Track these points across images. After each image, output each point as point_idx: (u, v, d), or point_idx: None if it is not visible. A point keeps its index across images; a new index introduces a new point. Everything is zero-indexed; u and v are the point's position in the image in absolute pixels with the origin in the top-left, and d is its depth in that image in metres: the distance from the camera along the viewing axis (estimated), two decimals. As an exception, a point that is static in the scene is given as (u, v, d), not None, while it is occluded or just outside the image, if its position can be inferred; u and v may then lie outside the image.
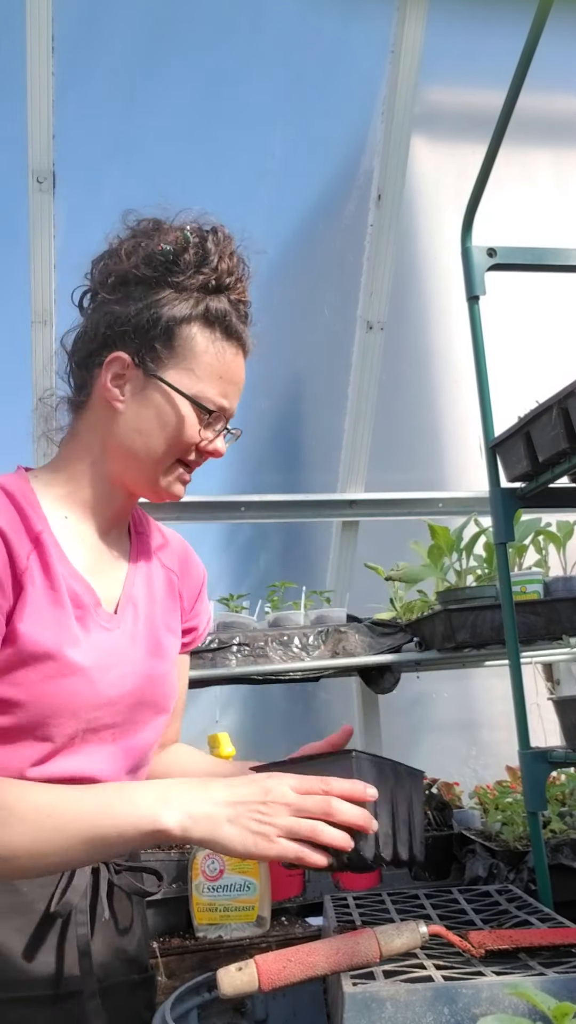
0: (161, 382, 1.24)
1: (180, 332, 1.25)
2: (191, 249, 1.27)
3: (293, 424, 3.41)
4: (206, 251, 1.28)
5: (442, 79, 3.23)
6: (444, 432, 3.50)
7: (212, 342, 1.27)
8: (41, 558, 1.17)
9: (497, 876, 2.00)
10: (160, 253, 1.25)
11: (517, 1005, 0.94)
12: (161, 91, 2.99)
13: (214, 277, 1.28)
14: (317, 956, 1.06)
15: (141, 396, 1.25)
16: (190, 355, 1.25)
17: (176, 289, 1.26)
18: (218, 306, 1.28)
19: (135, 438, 1.25)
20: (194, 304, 1.26)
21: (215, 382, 1.27)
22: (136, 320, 1.24)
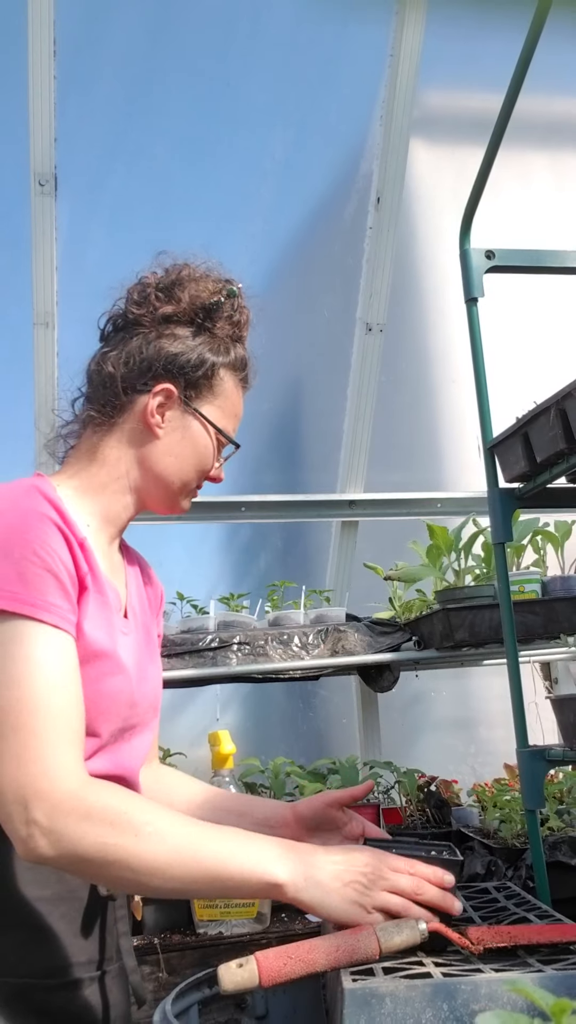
0: (202, 416, 1.41)
1: (218, 374, 1.42)
2: (230, 304, 1.45)
3: (293, 425, 3.42)
4: (236, 306, 1.46)
5: (441, 82, 3.24)
6: (443, 433, 3.51)
7: (235, 385, 1.46)
8: (88, 561, 1.26)
9: (495, 873, 2.01)
10: (213, 304, 1.42)
11: (515, 1001, 0.95)
12: (162, 94, 3.00)
13: (238, 329, 1.47)
14: (317, 953, 1.07)
15: (181, 425, 1.40)
16: (221, 395, 1.43)
17: (211, 335, 1.43)
18: (242, 354, 1.48)
19: (170, 462, 1.40)
20: (226, 351, 1.44)
21: (232, 419, 1.46)
22: (184, 360, 1.39)
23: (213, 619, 2.60)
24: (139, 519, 3.09)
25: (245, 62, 3.06)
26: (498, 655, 2.59)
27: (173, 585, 2.87)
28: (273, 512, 3.16)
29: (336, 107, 3.17)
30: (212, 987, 1.40)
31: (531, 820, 1.75)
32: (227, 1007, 1.46)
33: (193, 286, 1.44)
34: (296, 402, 3.42)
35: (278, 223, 3.21)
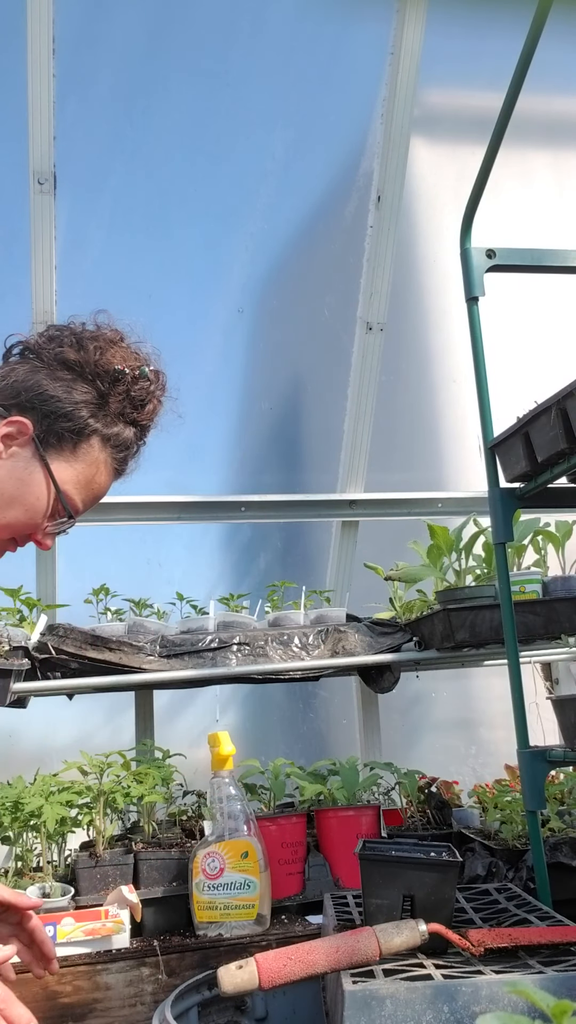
0: (46, 469, 1.30)
1: (89, 439, 1.34)
2: (139, 384, 1.37)
3: (293, 424, 3.41)
4: (148, 394, 1.38)
5: (441, 81, 3.24)
6: (443, 432, 3.50)
7: (104, 462, 1.36)
8: None
9: (496, 875, 2.01)
10: (116, 372, 1.34)
11: (516, 1003, 0.95)
12: (162, 93, 2.99)
13: (138, 415, 1.39)
14: (317, 954, 1.07)
15: (22, 466, 1.31)
16: (82, 460, 1.34)
17: (103, 401, 1.35)
18: (127, 436, 1.38)
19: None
20: (110, 423, 1.35)
21: (86, 492, 1.36)
22: (58, 405, 1.31)
23: (213, 619, 2.59)
24: (138, 519, 3.09)
25: (245, 61, 3.06)
26: (499, 655, 2.58)
27: (173, 585, 2.87)
28: (273, 512, 3.16)
29: (336, 106, 3.16)
30: (212, 989, 1.40)
31: (532, 821, 1.74)
32: (227, 1009, 1.46)
33: (108, 348, 1.37)
34: (296, 401, 3.42)
35: (278, 222, 3.21)
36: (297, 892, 2.16)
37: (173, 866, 2.07)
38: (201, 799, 2.39)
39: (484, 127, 1.91)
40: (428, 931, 1.11)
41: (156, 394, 1.41)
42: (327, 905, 1.56)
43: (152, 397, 1.40)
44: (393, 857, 1.25)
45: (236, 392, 3.33)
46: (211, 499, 3.04)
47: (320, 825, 2.27)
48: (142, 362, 1.39)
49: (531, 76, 1.72)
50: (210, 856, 1.97)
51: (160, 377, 1.42)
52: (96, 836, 2.12)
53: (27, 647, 2.29)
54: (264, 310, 3.27)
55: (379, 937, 1.09)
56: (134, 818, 2.41)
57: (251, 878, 1.96)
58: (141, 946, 1.89)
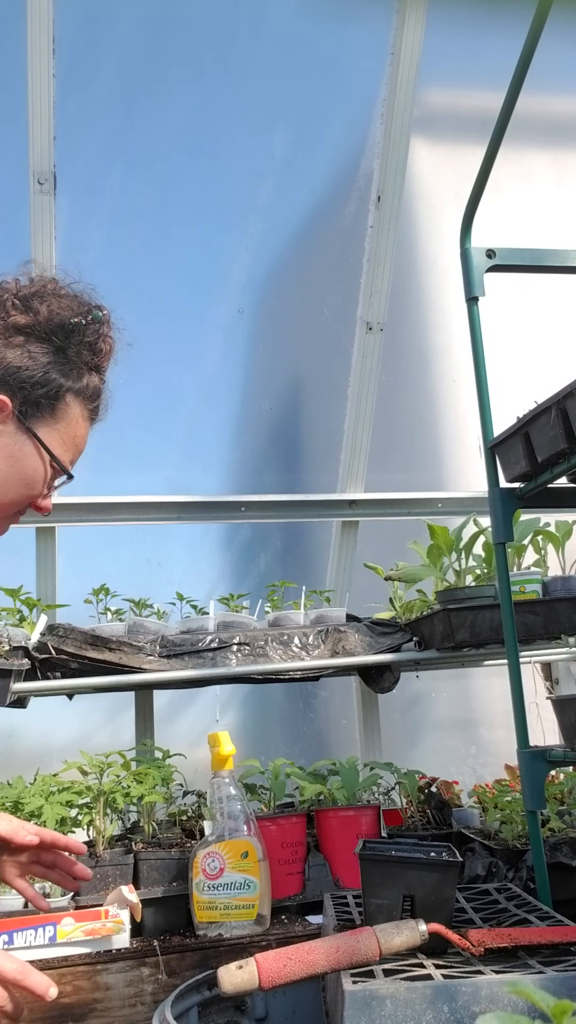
0: (36, 439, 1.31)
1: (64, 398, 1.34)
2: (93, 327, 1.36)
3: (293, 424, 3.41)
4: (100, 334, 1.37)
5: (441, 81, 3.24)
6: (443, 432, 3.50)
7: (81, 416, 1.37)
8: None
9: (496, 875, 2.01)
10: (72, 325, 1.33)
11: (516, 1003, 0.95)
12: (162, 93, 2.99)
13: (99, 360, 1.39)
14: (317, 954, 1.07)
15: (11, 443, 1.31)
16: (63, 420, 1.34)
17: (66, 357, 1.34)
18: (96, 384, 1.39)
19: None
20: (78, 377, 1.35)
21: (72, 449, 1.37)
22: (28, 375, 1.30)
23: (213, 619, 2.59)
24: (138, 519, 3.09)
25: (245, 61, 3.06)
26: (499, 655, 2.58)
27: (173, 585, 2.87)
28: (273, 512, 3.16)
29: (336, 106, 3.16)
30: (212, 989, 1.40)
31: (532, 821, 1.74)
32: (227, 1009, 1.46)
33: (55, 302, 1.35)
34: (296, 401, 3.42)
35: (278, 222, 3.21)
36: (297, 892, 2.16)
37: (173, 866, 2.07)
38: (201, 799, 2.39)
39: (484, 127, 1.91)
40: (428, 931, 1.11)
41: (109, 333, 1.40)
42: (327, 905, 1.56)
43: (106, 337, 1.39)
44: (393, 857, 1.25)
45: (236, 392, 3.32)
46: (211, 499, 3.04)
47: (320, 825, 2.27)
48: (88, 306, 1.37)
49: (531, 76, 1.72)
50: (210, 856, 1.97)
51: (105, 314, 1.39)
52: (96, 836, 2.12)
53: (27, 647, 2.30)
54: (264, 310, 3.27)
55: (379, 937, 1.09)
56: (134, 818, 2.41)
57: (251, 878, 1.96)
58: (141, 946, 1.89)
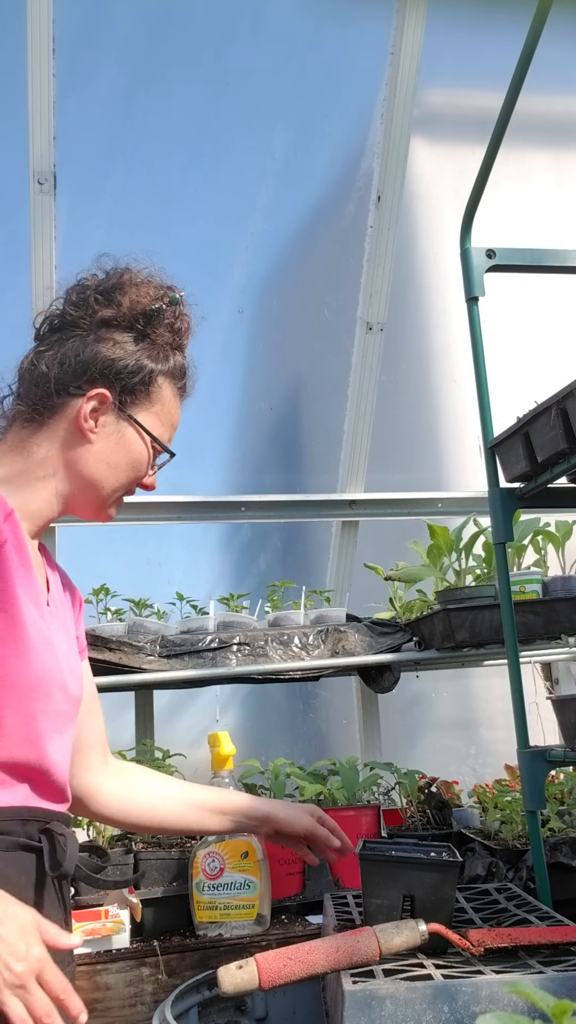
0: (137, 424, 1.40)
1: (156, 381, 1.41)
2: (171, 309, 1.43)
3: (293, 424, 3.41)
4: (178, 314, 1.45)
5: (441, 81, 3.24)
6: (443, 432, 3.50)
7: (173, 394, 1.45)
8: (13, 532, 1.25)
9: (496, 875, 2.01)
10: (154, 310, 1.40)
11: (516, 1003, 0.95)
12: (162, 93, 2.99)
13: (178, 337, 1.46)
14: (317, 954, 1.07)
15: (115, 432, 1.39)
16: (158, 402, 1.42)
17: (151, 341, 1.41)
18: (181, 362, 1.47)
19: (102, 467, 1.38)
20: (166, 358, 1.43)
21: (168, 428, 1.46)
22: (122, 365, 1.38)
23: (213, 619, 2.59)
24: (138, 519, 3.09)
25: (245, 61, 3.06)
26: (499, 655, 2.58)
27: (173, 585, 2.86)
28: (273, 512, 3.16)
29: (336, 106, 3.16)
30: (212, 989, 1.40)
31: (532, 821, 1.74)
32: (227, 1009, 1.46)
33: (134, 291, 1.42)
34: (296, 401, 3.42)
35: (278, 222, 3.21)
36: (297, 892, 2.16)
37: (173, 866, 2.07)
38: (201, 799, 2.39)
39: (484, 127, 1.91)
40: (428, 931, 1.11)
41: (185, 312, 1.47)
42: (327, 905, 1.56)
43: (183, 316, 1.46)
44: (393, 857, 1.25)
45: (236, 392, 3.32)
46: (211, 499, 3.03)
47: (320, 825, 2.27)
48: (165, 290, 1.44)
49: (531, 76, 1.72)
50: (210, 856, 1.97)
51: (182, 295, 1.47)
52: (96, 836, 2.12)
53: (27, 647, 2.29)
54: (264, 310, 3.27)
55: (379, 937, 1.09)
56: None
57: (251, 878, 1.96)
58: (141, 946, 1.89)
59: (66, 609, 1.46)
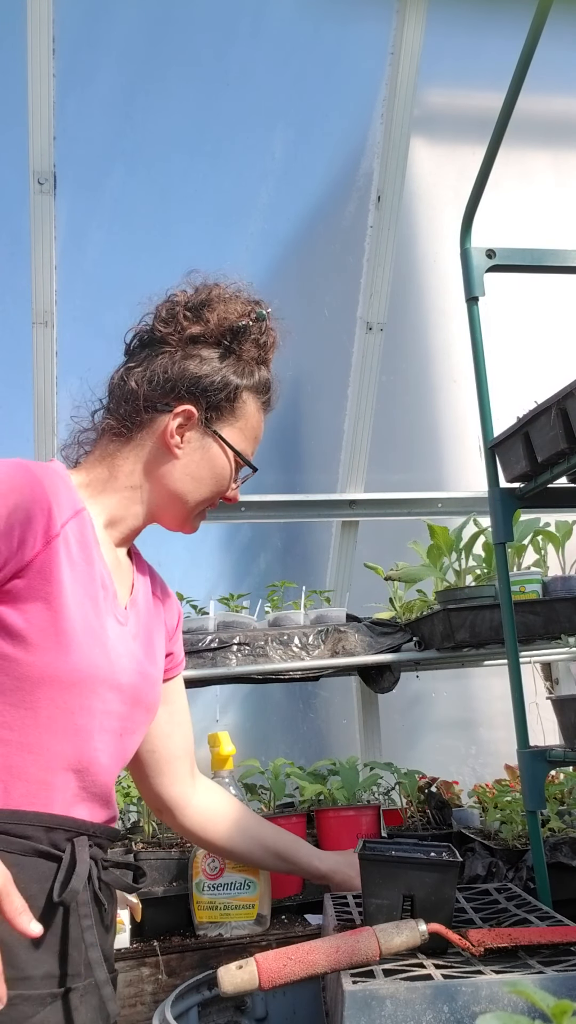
0: (222, 440, 1.43)
1: (240, 396, 1.44)
2: (258, 325, 1.45)
3: (293, 424, 3.41)
4: (266, 330, 1.47)
5: (442, 81, 3.24)
6: (444, 432, 3.50)
7: (257, 409, 1.48)
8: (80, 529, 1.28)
9: (496, 875, 2.01)
10: (242, 327, 1.43)
11: (516, 1003, 0.95)
12: (162, 92, 3.00)
13: (264, 352, 1.49)
14: (317, 954, 1.07)
15: (200, 447, 1.42)
16: (242, 417, 1.46)
17: (237, 356, 1.44)
18: (266, 377, 1.49)
19: (187, 482, 1.42)
20: (251, 373, 1.46)
21: (252, 442, 1.50)
22: (208, 382, 1.40)
23: (213, 619, 2.59)
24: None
25: (245, 61, 3.06)
26: (499, 655, 2.58)
27: (173, 585, 2.85)
28: (273, 512, 3.16)
29: (336, 105, 3.16)
30: (212, 989, 1.40)
31: (532, 821, 1.74)
32: (227, 1009, 1.46)
33: (222, 307, 1.44)
34: (296, 402, 3.42)
35: (278, 222, 3.21)
36: (297, 892, 2.16)
37: (173, 866, 2.07)
38: (201, 799, 2.39)
39: (484, 127, 1.91)
40: (428, 931, 1.11)
41: (272, 327, 1.50)
42: (327, 905, 1.56)
43: (269, 331, 1.49)
44: (393, 857, 1.25)
45: (236, 392, 3.32)
46: (211, 499, 3.03)
47: (320, 825, 2.27)
48: (252, 306, 1.47)
49: (531, 76, 1.72)
50: (210, 856, 1.97)
51: (269, 311, 1.49)
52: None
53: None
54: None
55: (379, 937, 1.09)
56: (134, 818, 2.40)
57: (251, 878, 1.96)
58: (141, 946, 1.89)
59: (155, 618, 1.50)
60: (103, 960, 1.21)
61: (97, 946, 1.20)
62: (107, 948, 1.32)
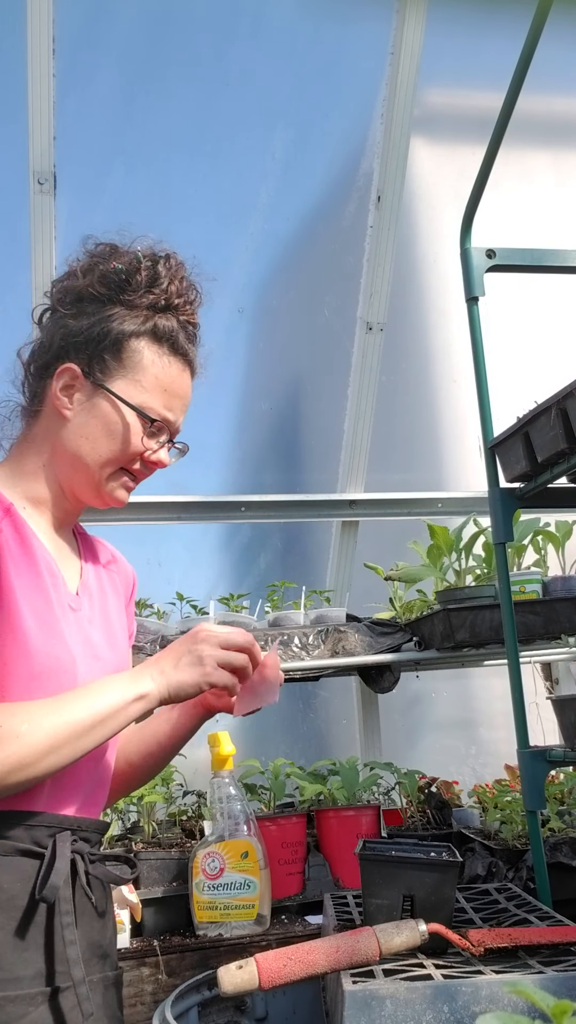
0: (108, 392, 1.33)
1: (128, 345, 1.34)
2: (143, 271, 1.35)
3: (293, 424, 3.41)
4: (157, 273, 1.37)
5: (441, 81, 3.24)
6: (443, 432, 3.50)
7: (158, 356, 1.35)
8: (14, 526, 1.25)
9: (496, 875, 2.01)
10: (113, 272, 1.34)
11: (516, 1003, 0.95)
12: (162, 93, 2.99)
13: (163, 298, 1.36)
14: (317, 954, 1.07)
15: (89, 405, 1.33)
16: (137, 368, 1.34)
17: (127, 307, 1.35)
18: (166, 324, 1.36)
19: (81, 444, 1.33)
20: (143, 321, 1.35)
21: (160, 394, 1.35)
22: (87, 333, 1.33)
23: (213, 619, 2.59)
24: (138, 519, 3.08)
25: (245, 61, 3.06)
26: (499, 655, 2.58)
27: (173, 585, 2.86)
28: (273, 512, 3.16)
29: (336, 106, 3.16)
30: (212, 989, 1.40)
31: (532, 821, 1.74)
32: (227, 1009, 1.46)
33: (105, 262, 1.36)
34: (296, 402, 3.42)
35: (278, 222, 3.21)
36: (297, 892, 2.16)
37: (173, 866, 2.07)
38: (201, 799, 2.39)
39: (484, 127, 1.91)
40: (428, 931, 1.11)
41: (171, 273, 1.38)
42: (327, 905, 1.56)
43: (167, 276, 1.37)
44: (393, 857, 1.25)
45: (236, 392, 3.32)
46: (211, 499, 3.03)
47: (320, 825, 2.27)
48: (137, 254, 1.37)
49: (531, 76, 1.72)
50: (210, 856, 1.97)
51: (171, 258, 1.39)
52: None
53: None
54: (264, 310, 3.27)
55: (379, 937, 1.09)
56: (134, 818, 2.41)
57: (251, 878, 1.96)
58: (141, 946, 1.89)
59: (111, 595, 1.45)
60: (80, 959, 1.17)
61: (76, 944, 1.18)
62: (106, 944, 1.30)
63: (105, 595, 1.43)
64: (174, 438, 1.41)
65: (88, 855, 1.27)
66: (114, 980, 1.32)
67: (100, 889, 1.30)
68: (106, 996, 1.28)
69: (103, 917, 1.31)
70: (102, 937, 1.29)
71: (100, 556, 1.49)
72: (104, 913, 1.31)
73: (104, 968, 1.29)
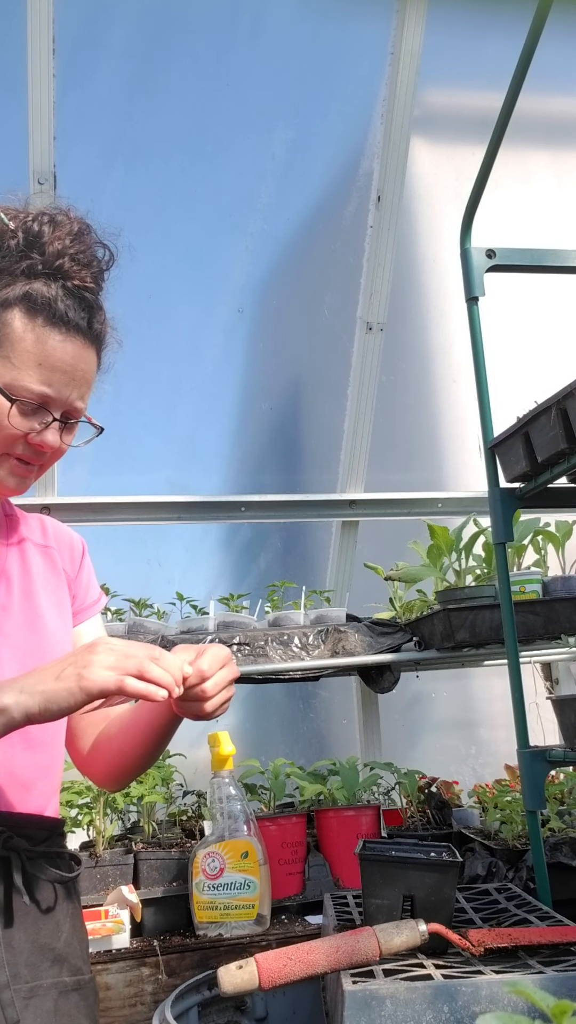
0: None
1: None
2: (20, 234, 1.21)
3: (293, 424, 3.41)
4: (35, 235, 1.22)
5: (441, 81, 3.24)
6: (443, 432, 3.50)
7: (31, 328, 1.19)
8: None
9: (496, 875, 2.01)
10: None
11: (516, 1003, 0.95)
12: (162, 92, 2.99)
13: (41, 262, 1.21)
14: (317, 954, 1.07)
15: None
16: (6, 342, 1.19)
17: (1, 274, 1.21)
18: (42, 290, 1.20)
19: None
20: (15, 289, 1.20)
21: (34, 369, 1.19)
22: None
23: (213, 619, 2.59)
24: (138, 519, 3.08)
25: (245, 61, 3.05)
26: (499, 655, 2.58)
27: (173, 585, 2.86)
28: (273, 512, 3.16)
29: (337, 106, 3.16)
30: (212, 989, 1.40)
31: (532, 821, 1.74)
32: (227, 1009, 1.46)
33: None
34: (296, 401, 3.42)
35: (278, 222, 3.21)
36: (297, 892, 2.16)
37: (173, 866, 2.07)
38: (201, 799, 2.39)
39: (484, 127, 1.91)
40: (428, 931, 1.11)
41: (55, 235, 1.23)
42: (327, 905, 1.56)
43: (47, 238, 1.22)
44: (393, 857, 1.25)
45: (236, 392, 3.32)
46: (211, 499, 3.03)
47: (320, 825, 2.27)
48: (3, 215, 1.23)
49: (531, 76, 1.72)
50: (210, 856, 1.97)
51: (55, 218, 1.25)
52: (96, 836, 2.12)
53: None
54: (264, 310, 3.27)
55: (379, 937, 1.09)
56: (134, 818, 2.41)
57: (251, 878, 1.96)
58: (141, 946, 1.89)
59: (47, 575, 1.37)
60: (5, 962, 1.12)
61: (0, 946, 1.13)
62: (60, 946, 1.23)
63: (30, 576, 1.34)
64: (72, 417, 1.26)
65: (26, 852, 1.21)
66: (73, 986, 1.24)
67: (47, 888, 1.24)
68: (60, 1003, 1.20)
69: (51, 917, 1.23)
70: (53, 939, 1.22)
71: (31, 535, 1.39)
72: (52, 912, 1.24)
73: (59, 973, 1.21)
